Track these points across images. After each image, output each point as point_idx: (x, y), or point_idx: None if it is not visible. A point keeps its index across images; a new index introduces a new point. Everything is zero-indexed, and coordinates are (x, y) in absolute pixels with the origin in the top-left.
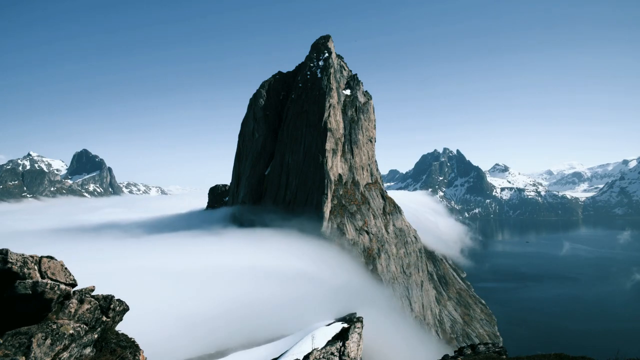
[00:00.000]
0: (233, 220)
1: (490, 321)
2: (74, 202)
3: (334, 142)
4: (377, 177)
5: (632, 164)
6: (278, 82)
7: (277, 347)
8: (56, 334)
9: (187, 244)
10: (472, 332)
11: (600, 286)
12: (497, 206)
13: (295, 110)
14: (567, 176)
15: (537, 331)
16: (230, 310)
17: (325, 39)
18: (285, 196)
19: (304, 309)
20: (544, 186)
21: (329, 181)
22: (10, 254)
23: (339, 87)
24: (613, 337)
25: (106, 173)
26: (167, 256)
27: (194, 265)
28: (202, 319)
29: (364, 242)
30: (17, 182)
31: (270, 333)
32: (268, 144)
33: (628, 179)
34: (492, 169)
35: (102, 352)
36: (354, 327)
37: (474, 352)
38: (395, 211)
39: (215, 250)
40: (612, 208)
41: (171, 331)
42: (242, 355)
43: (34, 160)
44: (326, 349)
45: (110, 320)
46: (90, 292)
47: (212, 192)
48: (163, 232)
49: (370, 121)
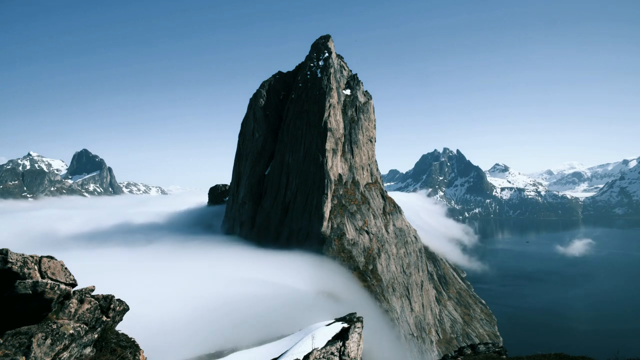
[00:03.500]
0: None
1: (490, 321)
2: (74, 201)
3: (334, 142)
4: (377, 177)
5: (632, 164)
6: (278, 82)
7: (277, 347)
8: (56, 334)
9: (188, 246)
10: (472, 332)
11: (600, 286)
12: (497, 206)
13: (296, 110)
14: (567, 176)
15: (537, 331)
16: (230, 311)
17: (325, 39)
18: (285, 196)
19: (304, 309)
20: (544, 186)
21: (329, 181)
22: (10, 254)
23: (339, 87)
24: (613, 337)
25: (106, 173)
26: (167, 257)
27: (194, 266)
28: (202, 319)
29: (364, 242)
30: (17, 182)
31: (270, 333)
32: (268, 143)
33: (628, 179)
34: (492, 169)
35: (102, 352)
36: (354, 327)
37: (474, 352)
38: (395, 211)
39: (216, 257)
40: (612, 208)
41: (171, 331)
42: (242, 355)
43: (34, 160)
44: (326, 348)
45: (110, 320)
46: (90, 292)
47: (212, 191)
48: (163, 234)
49: (370, 121)
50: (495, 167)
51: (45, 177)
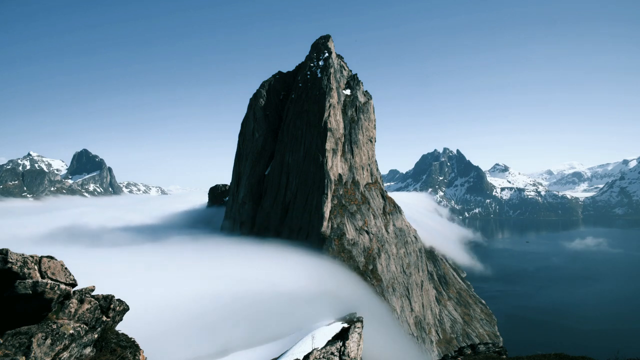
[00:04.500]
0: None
1: (490, 321)
2: (76, 201)
3: (334, 142)
4: (377, 177)
5: (632, 164)
6: (278, 82)
7: (277, 347)
8: (56, 334)
9: (188, 246)
10: (472, 332)
11: (600, 286)
12: (497, 206)
13: (296, 110)
14: (567, 176)
15: (537, 331)
16: (230, 310)
17: (325, 39)
18: (285, 196)
19: (304, 309)
20: (544, 186)
21: (329, 181)
22: (10, 254)
23: (339, 87)
24: (613, 337)
25: (106, 173)
26: (167, 257)
27: (194, 266)
28: (203, 319)
29: (364, 242)
30: (17, 182)
31: (270, 333)
32: (268, 143)
33: (628, 179)
34: (492, 169)
35: (102, 352)
36: (354, 327)
37: (474, 352)
38: (395, 211)
39: (216, 257)
40: (612, 208)
41: (171, 331)
42: (242, 355)
43: (34, 160)
44: (326, 348)
45: (111, 320)
46: (90, 292)
47: (212, 192)
48: (163, 234)
49: (370, 121)
50: (495, 167)
51: (45, 177)
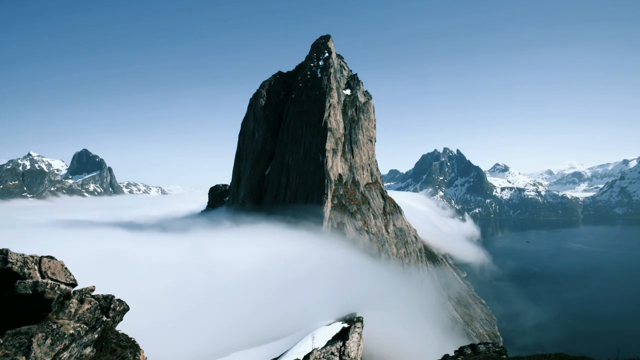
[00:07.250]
0: (232, 219)
1: (490, 321)
2: (77, 201)
3: (334, 142)
4: (377, 177)
5: (632, 164)
6: (278, 82)
7: (277, 347)
8: (56, 334)
9: (188, 246)
10: (472, 332)
11: (600, 286)
12: (497, 206)
13: (296, 110)
14: (567, 176)
15: (537, 331)
16: (230, 310)
17: (326, 39)
18: (286, 196)
19: (304, 309)
20: (544, 186)
21: (329, 181)
22: (10, 254)
23: (339, 87)
24: (613, 337)
25: (106, 173)
26: (167, 257)
27: (194, 266)
28: (203, 318)
29: (364, 241)
30: (17, 182)
31: (270, 333)
32: (268, 143)
33: (628, 179)
34: (492, 169)
35: (102, 352)
36: (354, 327)
37: (474, 352)
38: (395, 211)
39: (215, 251)
40: (612, 208)
41: (172, 331)
42: (242, 355)
43: (34, 160)
44: (326, 348)
45: (111, 320)
46: (90, 292)
47: (212, 192)
48: (164, 232)
49: (370, 121)
50: (495, 167)
51: (45, 177)
